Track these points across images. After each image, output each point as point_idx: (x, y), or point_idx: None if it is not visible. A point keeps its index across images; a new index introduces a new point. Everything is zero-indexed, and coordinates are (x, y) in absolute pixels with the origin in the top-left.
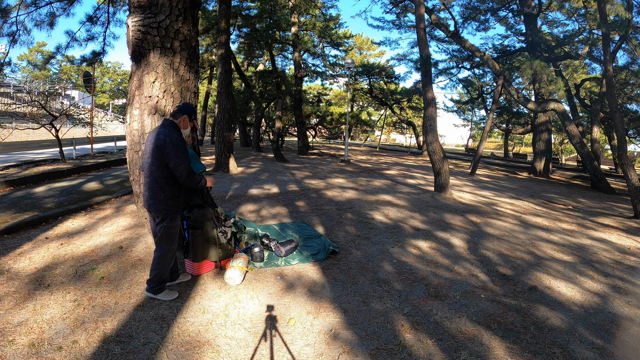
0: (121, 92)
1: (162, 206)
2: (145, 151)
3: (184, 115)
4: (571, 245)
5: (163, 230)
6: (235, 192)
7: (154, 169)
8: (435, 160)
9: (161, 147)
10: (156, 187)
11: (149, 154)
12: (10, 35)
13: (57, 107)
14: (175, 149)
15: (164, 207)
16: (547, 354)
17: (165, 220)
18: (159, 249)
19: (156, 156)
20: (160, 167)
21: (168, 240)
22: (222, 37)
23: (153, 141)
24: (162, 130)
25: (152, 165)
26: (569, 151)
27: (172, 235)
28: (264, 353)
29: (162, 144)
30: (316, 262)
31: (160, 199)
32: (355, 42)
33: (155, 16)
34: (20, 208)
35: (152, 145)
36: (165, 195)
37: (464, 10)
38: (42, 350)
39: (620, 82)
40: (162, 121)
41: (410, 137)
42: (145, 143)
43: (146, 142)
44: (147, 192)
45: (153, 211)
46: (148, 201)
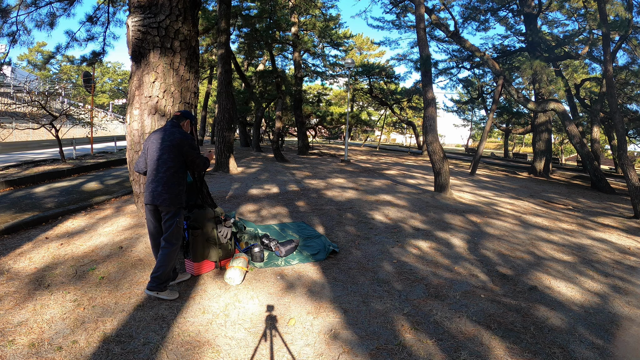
0: (121, 92)
1: (178, 200)
2: (153, 149)
3: (187, 119)
4: (571, 245)
5: (175, 225)
6: (235, 192)
7: (171, 164)
8: (435, 160)
9: (178, 145)
10: (173, 182)
11: (164, 150)
12: (10, 35)
13: (57, 107)
14: (192, 146)
15: (179, 200)
16: (547, 354)
17: (178, 215)
18: (170, 245)
19: (174, 153)
20: (177, 163)
21: (178, 235)
22: (222, 37)
23: (168, 139)
24: (175, 130)
25: (168, 161)
26: (569, 151)
27: (181, 231)
28: (264, 353)
29: (179, 142)
30: (316, 262)
31: (176, 193)
32: (355, 42)
33: (155, 16)
34: (20, 208)
35: (168, 143)
36: (181, 189)
37: (464, 10)
38: (42, 350)
39: (620, 82)
40: (171, 122)
41: (410, 137)
42: (151, 142)
43: (152, 140)
44: (162, 187)
45: (168, 205)
46: (162, 195)
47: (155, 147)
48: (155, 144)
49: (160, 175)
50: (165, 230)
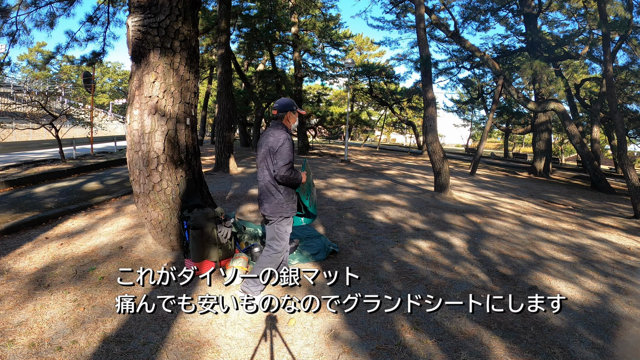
0: (121, 92)
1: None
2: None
3: (286, 112)
4: (571, 245)
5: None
6: (236, 192)
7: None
8: (435, 160)
9: (272, 148)
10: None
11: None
12: (10, 35)
13: (57, 107)
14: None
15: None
16: (547, 354)
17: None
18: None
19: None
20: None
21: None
22: (222, 37)
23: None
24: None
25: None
26: (569, 151)
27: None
28: (264, 353)
29: (272, 146)
30: (316, 262)
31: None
32: (355, 42)
33: (155, 16)
34: (20, 208)
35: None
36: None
37: (464, 10)
38: (42, 350)
39: (620, 82)
40: (272, 123)
41: (410, 137)
42: (259, 148)
43: (259, 146)
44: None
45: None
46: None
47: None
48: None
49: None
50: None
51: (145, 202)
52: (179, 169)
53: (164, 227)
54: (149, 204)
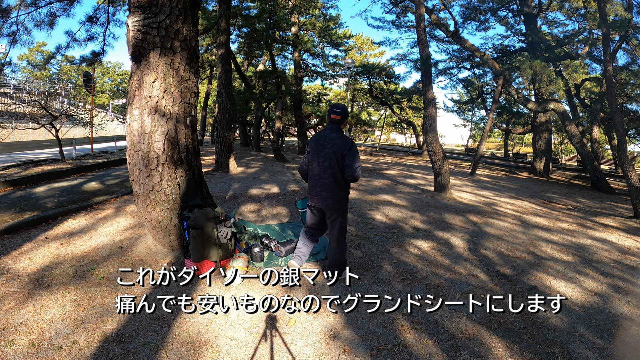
0: (121, 92)
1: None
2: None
3: (346, 119)
4: (571, 245)
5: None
6: (236, 192)
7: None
8: (435, 160)
9: (339, 152)
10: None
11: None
12: (10, 35)
13: (57, 107)
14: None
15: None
16: (547, 354)
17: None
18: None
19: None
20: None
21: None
22: (222, 37)
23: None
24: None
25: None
26: (569, 151)
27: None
28: (264, 353)
29: (341, 147)
30: (316, 262)
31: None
32: (355, 42)
33: (155, 16)
34: (20, 208)
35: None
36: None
37: (464, 10)
38: (42, 350)
39: (620, 82)
40: (331, 127)
41: (410, 137)
42: (320, 148)
43: (321, 147)
44: (326, 192)
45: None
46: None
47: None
48: (323, 151)
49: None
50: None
51: (145, 202)
52: (179, 169)
53: (164, 227)
54: (149, 204)
